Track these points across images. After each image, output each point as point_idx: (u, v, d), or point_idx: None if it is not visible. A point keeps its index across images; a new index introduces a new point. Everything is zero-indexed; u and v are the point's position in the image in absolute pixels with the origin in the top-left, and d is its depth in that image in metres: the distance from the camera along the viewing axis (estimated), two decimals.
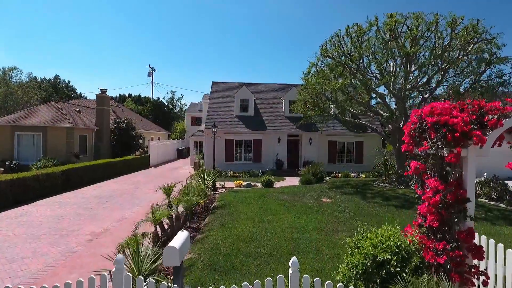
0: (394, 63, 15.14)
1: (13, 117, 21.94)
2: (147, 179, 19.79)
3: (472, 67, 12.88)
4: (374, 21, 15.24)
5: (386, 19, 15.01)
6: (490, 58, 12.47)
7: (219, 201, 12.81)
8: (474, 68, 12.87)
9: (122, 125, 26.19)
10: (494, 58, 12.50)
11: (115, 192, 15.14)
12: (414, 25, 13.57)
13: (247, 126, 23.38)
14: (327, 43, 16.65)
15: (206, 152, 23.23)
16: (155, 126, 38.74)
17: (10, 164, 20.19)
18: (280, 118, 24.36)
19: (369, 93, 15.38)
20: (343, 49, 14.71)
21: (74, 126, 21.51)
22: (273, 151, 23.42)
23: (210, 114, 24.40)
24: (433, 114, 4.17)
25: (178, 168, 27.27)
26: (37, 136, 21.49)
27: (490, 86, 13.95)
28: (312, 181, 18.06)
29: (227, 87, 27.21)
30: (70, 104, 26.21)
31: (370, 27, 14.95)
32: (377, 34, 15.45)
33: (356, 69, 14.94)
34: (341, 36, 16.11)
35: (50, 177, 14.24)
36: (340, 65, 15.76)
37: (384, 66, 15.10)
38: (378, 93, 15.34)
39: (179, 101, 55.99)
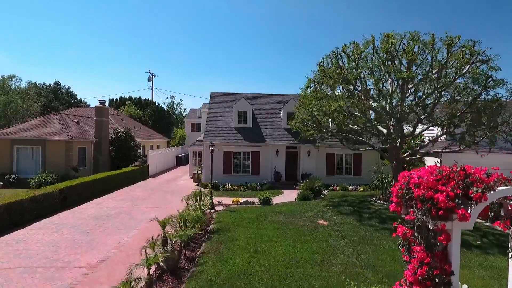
0: (391, 83, 15.17)
1: (13, 130, 22.02)
2: (145, 193, 19.84)
3: (468, 90, 12.89)
4: (371, 40, 15.28)
5: (383, 38, 15.05)
6: (486, 81, 12.50)
7: (216, 223, 12.88)
8: (470, 92, 12.88)
9: (121, 136, 26.25)
10: (490, 81, 12.54)
11: (113, 211, 15.19)
12: (410, 48, 13.60)
13: (245, 138, 23.43)
14: (324, 61, 16.70)
15: (205, 164, 23.28)
16: (155, 133, 38.82)
17: (9, 178, 20.27)
18: (278, 129, 24.41)
19: (366, 115, 15.41)
20: (340, 70, 14.74)
21: (73, 139, 21.57)
22: (271, 164, 23.48)
23: (209, 125, 24.45)
24: (419, 185, 4.22)
25: (177, 178, 27.33)
26: (36, 149, 21.57)
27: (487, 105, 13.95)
28: (310, 197, 18.13)
29: (225, 97, 27.26)
30: (69, 115, 26.26)
31: (367, 46, 14.97)
32: (373, 53, 15.49)
33: (353, 90, 14.99)
34: (339, 53, 16.16)
35: (48, 196, 14.32)
36: (337, 83, 15.82)
37: (380, 86, 15.12)
38: (376, 111, 15.36)
39: (179, 106, 56.11)
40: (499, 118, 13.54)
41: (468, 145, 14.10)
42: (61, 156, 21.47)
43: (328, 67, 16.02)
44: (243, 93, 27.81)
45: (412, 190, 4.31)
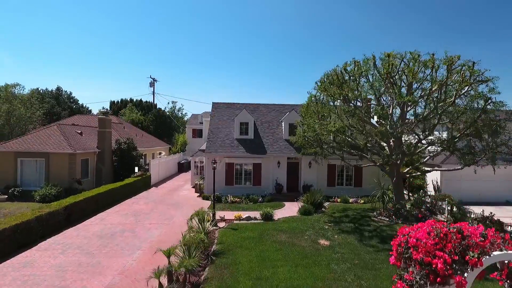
0: (391, 102, 15.34)
1: (17, 142, 22.24)
2: (148, 207, 20.01)
3: (468, 113, 13.02)
4: (372, 59, 15.44)
5: (384, 57, 15.21)
6: (485, 104, 12.66)
7: (219, 243, 13.03)
8: (470, 114, 13.01)
9: (124, 146, 26.46)
10: (489, 103, 12.68)
11: (117, 228, 15.37)
12: (411, 70, 13.76)
13: (247, 150, 23.62)
14: (326, 78, 16.89)
15: (207, 176, 23.47)
16: (156, 140, 39.00)
17: (13, 192, 20.49)
18: (279, 141, 24.58)
19: (366, 137, 15.58)
20: (341, 90, 14.92)
21: (76, 152, 21.78)
22: (272, 175, 23.66)
23: (211, 137, 24.65)
24: (418, 248, 4.40)
25: (179, 188, 27.52)
26: (40, 161, 21.80)
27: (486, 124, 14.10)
28: (311, 211, 18.30)
29: (227, 108, 27.45)
30: (72, 126, 26.48)
31: (367, 66, 15.13)
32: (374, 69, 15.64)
33: (354, 110, 15.16)
34: (340, 71, 16.33)
35: (53, 215, 14.51)
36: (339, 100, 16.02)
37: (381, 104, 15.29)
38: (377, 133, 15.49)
39: (180, 111, 56.33)
40: (498, 139, 13.70)
41: (468, 163, 14.26)
42: (65, 169, 21.68)
43: (329, 85, 16.19)
44: (245, 103, 28.01)
45: (411, 251, 4.49)
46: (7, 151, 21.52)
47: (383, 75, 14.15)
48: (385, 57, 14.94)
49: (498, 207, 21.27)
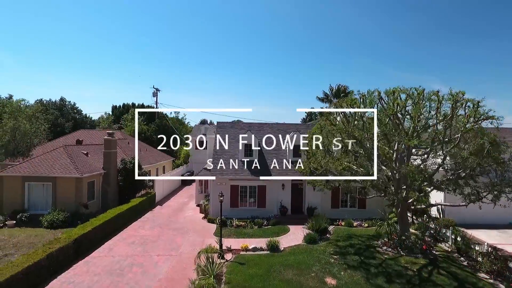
0: (397, 145, 15.45)
1: (24, 166, 22.46)
2: (154, 233, 20.18)
3: (473, 157, 13.15)
4: (377, 95, 15.59)
5: (389, 94, 15.34)
6: (490, 148, 12.80)
7: (227, 282, 13.19)
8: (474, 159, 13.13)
9: (129, 166, 26.64)
10: (493, 147, 12.83)
11: (125, 261, 15.52)
12: (417, 112, 13.90)
13: (251, 172, 23.80)
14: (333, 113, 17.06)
15: (212, 197, 23.67)
16: (160, 154, 39.14)
17: (21, 217, 20.71)
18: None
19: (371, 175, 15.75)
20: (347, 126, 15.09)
21: (83, 176, 21.98)
22: (277, 197, 23.85)
23: (215, 158, 24.83)
24: None
25: (184, 207, 27.73)
26: (47, 185, 22.02)
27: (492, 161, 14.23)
28: (316, 239, 18.47)
29: (231, 128, 27.65)
30: (77, 146, 26.69)
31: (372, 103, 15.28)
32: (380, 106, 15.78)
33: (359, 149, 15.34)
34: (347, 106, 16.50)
35: (63, 250, 14.68)
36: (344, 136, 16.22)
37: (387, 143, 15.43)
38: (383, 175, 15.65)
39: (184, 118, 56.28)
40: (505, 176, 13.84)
41: (473, 201, 14.43)
42: (72, 193, 21.89)
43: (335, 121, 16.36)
44: (249, 122, 28.30)
45: None
46: (15, 176, 21.74)
47: (389, 115, 14.30)
48: (390, 94, 15.09)
49: (501, 231, 21.44)
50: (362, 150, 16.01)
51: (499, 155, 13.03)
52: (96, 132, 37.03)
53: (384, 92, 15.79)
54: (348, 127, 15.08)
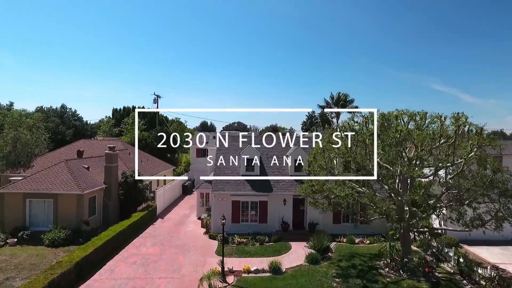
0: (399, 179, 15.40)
1: (25, 182, 22.41)
2: (156, 251, 20.12)
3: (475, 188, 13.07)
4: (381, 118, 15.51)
5: (392, 118, 15.26)
6: (493, 176, 12.75)
7: None
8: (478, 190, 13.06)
9: (130, 180, 26.59)
10: (497, 175, 12.78)
11: (128, 284, 15.45)
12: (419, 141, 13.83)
13: (253, 187, 23.75)
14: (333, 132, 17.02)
15: (213, 213, 23.62)
16: (161, 163, 39.04)
17: (22, 235, 20.66)
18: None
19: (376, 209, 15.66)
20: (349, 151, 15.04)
21: (84, 193, 21.93)
22: (278, 213, 23.80)
23: (217, 173, 24.78)
24: None
25: (185, 220, 27.68)
26: (48, 202, 21.99)
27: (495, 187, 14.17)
28: (318, 259, 18.42)
29: (233, 140, 27.59)
30: (79, 160, 26.61)
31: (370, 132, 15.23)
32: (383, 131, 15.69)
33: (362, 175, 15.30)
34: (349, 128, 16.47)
35: (65, 275, 14.63)
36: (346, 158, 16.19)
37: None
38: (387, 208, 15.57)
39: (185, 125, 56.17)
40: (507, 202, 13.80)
41: (476, 227, 14.38)
42: (73, 210, 21.84)
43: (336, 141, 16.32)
44: (250, 135, 28.16)
45: None
46: (16, 192, 21.71)
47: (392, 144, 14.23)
48: (392, 118, 15.02)
49: (504, 247, 21.35)
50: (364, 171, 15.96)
51: (503, 185, 12.97)
52: (96, 142, 36.99)
53: (387, 114, 15.74)
54: (350, 153, 15.03)
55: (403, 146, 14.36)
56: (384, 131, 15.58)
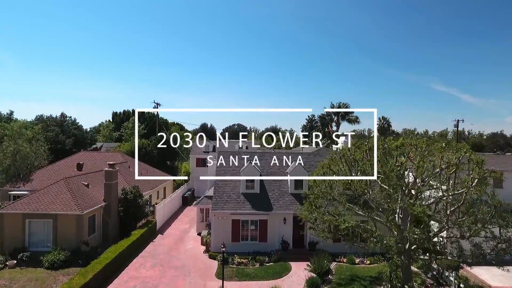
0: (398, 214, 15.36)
1: (24, 202, 22.31)
2: (155, 273, 20.06)
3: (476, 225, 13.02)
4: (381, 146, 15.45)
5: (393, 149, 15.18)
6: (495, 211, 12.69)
7: None
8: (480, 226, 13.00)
9: (130, 196, 26.53)
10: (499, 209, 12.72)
11: None
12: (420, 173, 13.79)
13: (253, 206, 23.70)
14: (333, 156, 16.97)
15: (213, 230, 23.58)
16: (161, 174, 38.94)
17: (22, 257, 20.61)
18: (285, 195, 24.65)
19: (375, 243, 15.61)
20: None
21: (84, 213, 21.87)
22: (278, 232, 23.76)
23: (217, 191, 24.74)
24: None
25: (185, 236, 27.65)
26: (48, 222, 21.90)
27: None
28: (318, 284, 18.37)
29: (234, 157, 27.52)
30: (78, 177, 26.52)
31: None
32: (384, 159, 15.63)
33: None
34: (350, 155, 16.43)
35: None
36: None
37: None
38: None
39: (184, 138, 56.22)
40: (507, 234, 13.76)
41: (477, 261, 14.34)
42: (72, 230, 21.76)
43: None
44: (251, 151, 28.15)
45: None
46: (15, 213, 21.65)
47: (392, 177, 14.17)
48: (393, 149, 14.95)
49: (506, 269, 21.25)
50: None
51: (504, 220, 12.93)
52: (96, 154, 36.95)
53: (388, 143, 15.67)
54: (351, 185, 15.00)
55: (404, 179, 14.31)
56: (385, 163, 15.47)
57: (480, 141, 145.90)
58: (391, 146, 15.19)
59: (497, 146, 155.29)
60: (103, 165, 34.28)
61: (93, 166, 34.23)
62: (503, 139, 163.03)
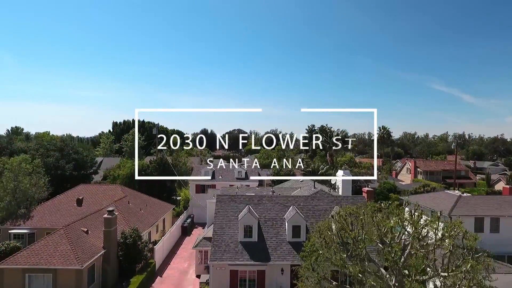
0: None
1: (24, 256, 22.50)
2: None
3: None
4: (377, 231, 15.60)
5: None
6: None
7: None
8: None
9: (129, 240, 26.74)
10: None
11: None
12: (417, 264, 13.95)
13: (251, 256, 23.89)
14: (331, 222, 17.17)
15: (212, 281, 23.78)
16: (161, 206, 38.93)
17: None
18: (283, 243, 24.82)
19: None
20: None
21: (83, 267, 22.09)
22: (276, 282, 23.92)
23: (216, 239, 24.90)
24: None
25: (184, 279, 27.93)
26: (47, 277, 22.14)
27: None
28: None
29: (231, 201, 27.70)
30: (78, 223, 26.70)
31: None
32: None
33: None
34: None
35: None
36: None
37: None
38: None
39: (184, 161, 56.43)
40: None
41: None
42: (72, 284, 21.99)
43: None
44: (249, 195, 28.47)
45: None
46: (15, 268, 21.88)
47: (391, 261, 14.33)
48: (389, 231, 15.10)
49: None
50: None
51: None
52: (96, 188, 37.14)
53: (385, 227, 15.83)
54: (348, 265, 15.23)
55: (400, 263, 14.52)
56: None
57: (479, 148, 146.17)
58: (388, 227, 15.36)
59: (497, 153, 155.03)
60: (103, 199, 34.63)
61: (93, 200, 34.49)
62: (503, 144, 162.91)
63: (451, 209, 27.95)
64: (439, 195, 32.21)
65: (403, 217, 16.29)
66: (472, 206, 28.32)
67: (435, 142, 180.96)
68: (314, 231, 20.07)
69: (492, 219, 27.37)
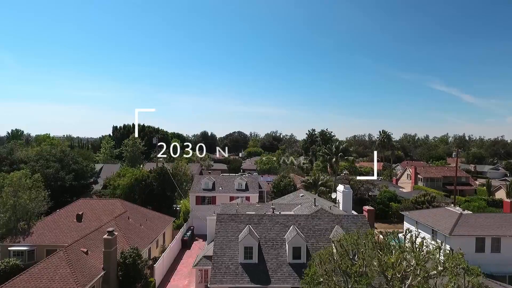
0: None
1: (24, 280, 22.40)
2: None
3: None
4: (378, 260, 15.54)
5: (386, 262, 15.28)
6: None
7: None
8: None
9: (129, 260, 26.67)
10: None
11: None
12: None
13: (251, 278, 23.79)
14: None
15: None
16: (161, 220, 38.77)
17: None
18: (283, 265, 24.73)
19: None
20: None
21: None
22: None
23: (216, 261, 24.79)
24: None
25: None
26: None
27: None
28: None
29: (231, 220, 27.60)
30: (77, 243, 26.61)
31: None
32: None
33: None
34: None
35: None
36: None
37: None
38: None
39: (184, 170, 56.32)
40: None
41: None
42: None
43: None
44: (249, 214, 28.35)
45: None
46: None
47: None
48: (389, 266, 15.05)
49: None
50: None
51: None
52: (96, 202, 37.05)
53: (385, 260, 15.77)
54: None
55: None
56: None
57: (479, 151, 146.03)
58: (388, 262, 15.29)
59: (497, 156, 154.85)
60: (103, 215, 34.57)
61: (93, 216, 34.42)
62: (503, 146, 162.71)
63: (452, 228, 27.83)
64: (439, 212, 32.04)
65: (404, 249, 16.27)
66: (472, 225, 28.20)
67: (435, 144, 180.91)
68: (315, 257, 19.98)
69: (493, 239, 27.26)
